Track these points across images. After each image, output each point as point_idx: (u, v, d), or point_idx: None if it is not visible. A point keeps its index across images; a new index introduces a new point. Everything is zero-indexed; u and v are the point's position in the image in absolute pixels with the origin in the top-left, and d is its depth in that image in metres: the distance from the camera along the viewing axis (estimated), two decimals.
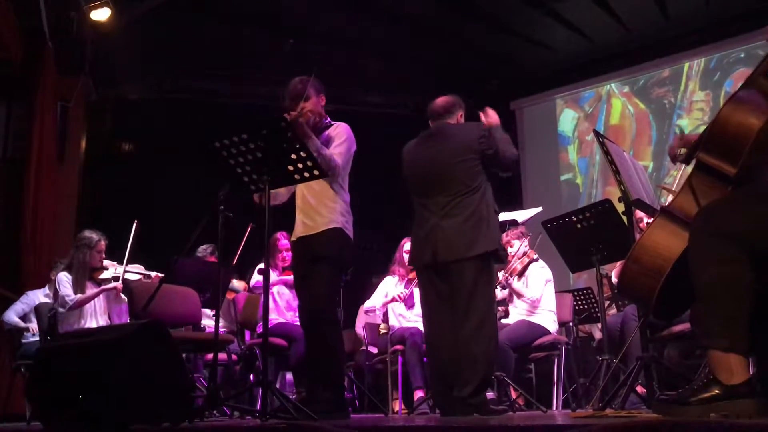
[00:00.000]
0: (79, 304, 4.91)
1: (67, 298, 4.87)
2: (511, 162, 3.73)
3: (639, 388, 3.79)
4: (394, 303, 5.73)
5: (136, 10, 6.83)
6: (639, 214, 4.47)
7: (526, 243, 5.50)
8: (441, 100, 3.91)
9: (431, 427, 2.44)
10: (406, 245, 5.66)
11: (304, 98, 3.61)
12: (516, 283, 5.44)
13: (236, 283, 5.94)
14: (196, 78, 8.27)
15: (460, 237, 3.54)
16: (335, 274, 3.65)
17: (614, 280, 5.13)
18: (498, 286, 5.39)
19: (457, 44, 8.10)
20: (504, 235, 5.43)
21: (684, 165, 2.42)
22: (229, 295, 5.90)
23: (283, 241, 5.71)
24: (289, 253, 5.68)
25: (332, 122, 3.81)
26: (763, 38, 2.10)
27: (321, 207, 3.67)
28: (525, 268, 5.47)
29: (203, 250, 5.99)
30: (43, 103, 6.62)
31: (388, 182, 6.04)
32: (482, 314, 3.50)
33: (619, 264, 4.82)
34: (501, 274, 5.41)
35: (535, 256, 5.48)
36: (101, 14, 6.42)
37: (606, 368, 3.93)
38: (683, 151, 2.29)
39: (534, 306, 5.36)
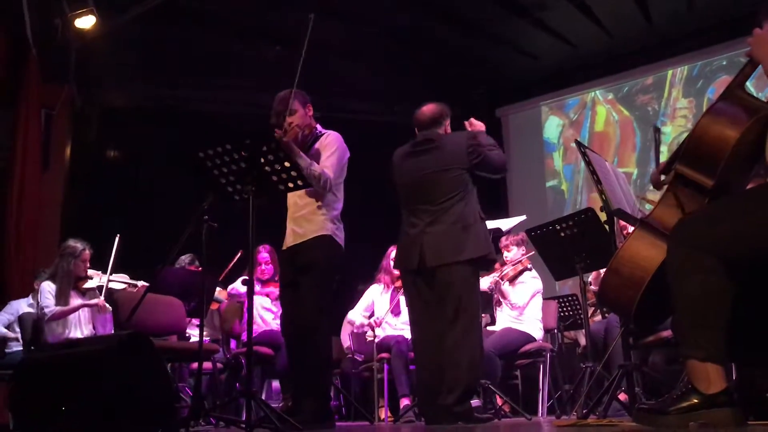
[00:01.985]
0: (58, 316, 4.87)
1: (46, 309, 4.83)
2: (499, 164, 3.77)
3: (622, 396, 3.82)
4: (380, 310, 5.71)
5: (121, 18, 6.81)
6: (623, 222, 4.51)
7: (524, 251, 5.53)
8: (428, 110, 3.87)
9: None
10: (393, 253, 5.66)
11: (290, 112, 3.62)
12: (505, 286, 5.47)
13: (218, 294, 5.93)
14: (181, 85, 8.24)
15: (447, 242, 3.56)
16: (325, 283, 3.65)
17: (593, 288, 5.16)
18: (488, 289, 5.42)
19: (442, 52, 8.13)
20: (504, 238, 5.47)
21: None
22: (213, 306, 5.88)
23: (263, 254, 5.72)
24: (269, 266, 5.71)
25: (323, 131, 3.81)
26: (747, 53, 2.12)
27: (311, 215, 3.68)
28: (517, 275, 5.50)
29: (182, 261, 5.96)
30: (27, 110, 6.59)
31: (373, 189, 6.06)
32: (468, 322, 3.51)
33: (597, 273, 4.87)
34: (493, 276, 5.43)
35: (529, 266, 5.52)
36: (86, 22, 6.40)
37: (589, 375, 3.96)
38: (664, 177, 2.31)
39: (519, 313, 5.39)
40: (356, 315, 5.79)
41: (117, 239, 5.07)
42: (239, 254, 5.83)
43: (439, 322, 3.56)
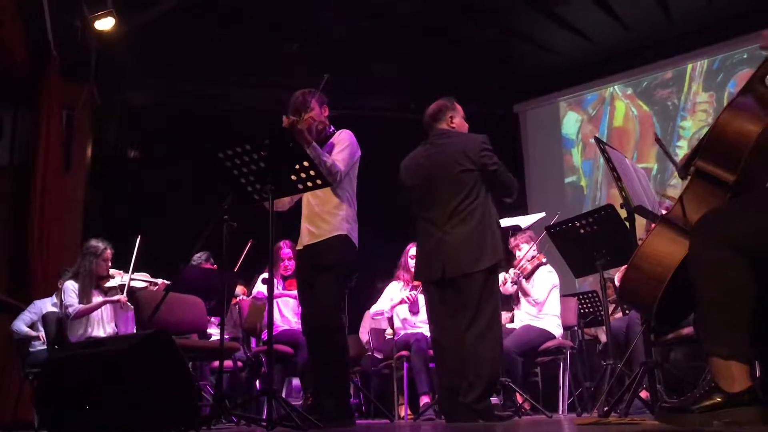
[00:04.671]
0: (82, 314, 4.94)
1: (70, 308, 4.91)
2: (511, 185, 3.74)
3: (643, 393, 3.79)
4: (399, 308, 5.73)
5: (141, 17, 6.86)
6: None
7: (535, 247, 5.52)
8: (429, 110, 3.88)
9: None
10: (411, 250, 5.67)
11: (306, 110, 3.62)
12: (524, 283, 5.46)
13: (237, 289, 5.96)
14: (200, 84, 8.30)
15: (465, 251, 3.53)
16: (340, 282, 3.65)
17: (617, 283, 5.14)
18: (510, 282, 5.41)
19: (460, 47, 8.11)
20: (512, 239, 5.46)
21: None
22: (232, 301, 5.91)
23: (285, 249, 5.73)
24: (291, 262, 5.71)
25: (335, 130, 3.82)
26: (761, 46, 2.10)
27: (326, 215, 3.67)
28: (534, 269, 5.49)
29: (197, 258, 5.99)
30: (48, 110, 6.67)
31: (391, 186, 6.05)
32: (487, 321, 3.50)
33: (622, 268, 4.83)
34: (513, 271, 5.42)
35: (544, 260, 5.51)
36: (105, 24, 6.46)
37: (610, 373, 3.93)
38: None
39: (539, 310, 5.37)
40: (383, 306, 5.79)
41: (138, 240, 5.11)
42: (249, 244, 5.83)
43: (458, 323, 3.56)
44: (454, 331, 3.58)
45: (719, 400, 1.89)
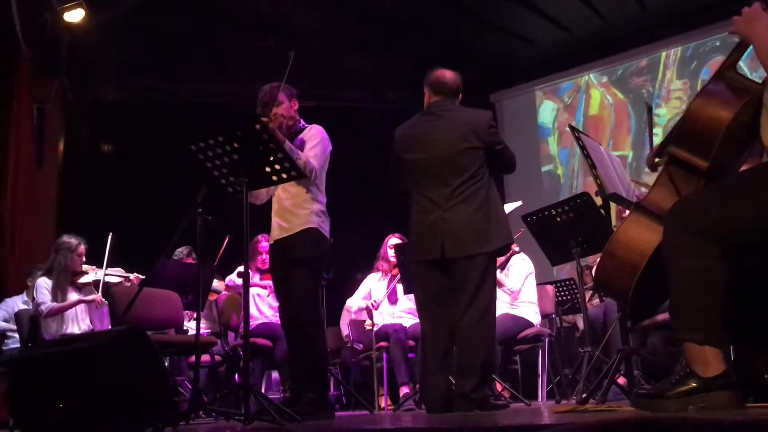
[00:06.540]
0: (56, 312, 4.86)
1: (42, 306, 4.81)
2: (514, 162, 3.71)
3: (621, 380, 3.82)
4: (377, 298, 5.71)
5: (111, 11, 6.75)
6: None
7: None
8: (451, 77, 3.66)
9: (417, 428, 2.44)
10: (391, 241, 5.66)
11: (275, 104, 3.59)
12: (497, 274, 5.45)
13: (216, 284, 5.91)
14: (174, 78, 8.20)
15: (469, 231, 3.39)
16: (313, 276, 3.65)
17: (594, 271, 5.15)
18: None
19: (435, 37, 8.07)
20: None
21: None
22: (211, 296, 5.88)
23: (263, 243, 5.70)
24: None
25: (306, 125, 3.80)
26: (731, 31, 2.10)
27: (296, 209, 3.66)
28: (507, 259, 5.48)
29: (179, 252, 5.95)
30: (19, 106, 6.56)
31: (369, 178, 6.04)
32: (484, 306, 3.40)
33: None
34: None
35: (516, 249, 5.50)
36: (75, 15, 6.33)
37: (588, 360, 3.96)
38: (658, 160, 2.31)
39: (514, 298, 5.37)
40: (354, 302, 5.79)
41: (110, 237, 5.06)
42: (227, 240, 5.80)
43: (452, 308, 3.43)
44: (444, 317, 3.46)
45: (694, 385, 1.91)
